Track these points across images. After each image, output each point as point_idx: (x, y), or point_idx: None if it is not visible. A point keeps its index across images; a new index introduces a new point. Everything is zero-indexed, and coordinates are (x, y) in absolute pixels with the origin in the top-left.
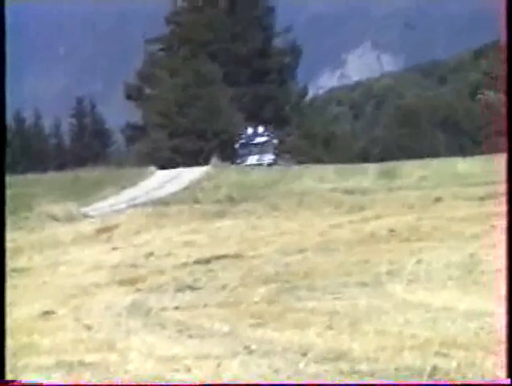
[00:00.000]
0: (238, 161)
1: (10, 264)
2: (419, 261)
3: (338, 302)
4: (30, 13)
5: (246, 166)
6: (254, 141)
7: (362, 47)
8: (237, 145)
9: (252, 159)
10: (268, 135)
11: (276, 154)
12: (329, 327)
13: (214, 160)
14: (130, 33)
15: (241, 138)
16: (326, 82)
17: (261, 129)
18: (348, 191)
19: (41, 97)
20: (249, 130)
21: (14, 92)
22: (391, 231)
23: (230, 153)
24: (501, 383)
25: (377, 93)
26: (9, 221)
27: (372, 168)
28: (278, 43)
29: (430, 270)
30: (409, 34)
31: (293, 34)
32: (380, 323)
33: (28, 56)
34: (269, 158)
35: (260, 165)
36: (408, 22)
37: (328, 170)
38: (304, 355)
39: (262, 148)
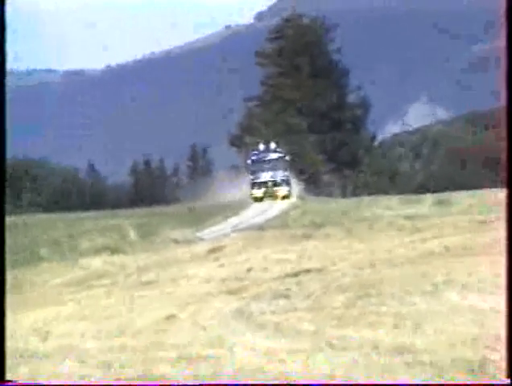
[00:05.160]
0: (252, 177)
1: (141, 278)
2: (470, 273)
3: (403, 307)
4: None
5: (260, 183)
6: (267, 158)
7: (419, 101)
8: (248, 161)
9: (266, 176)
10: (280, 152)
11: (287, 170)
12: (396, 327)
13: (300, 193)
14: (231, 94)
15: (253, 154)
16: (391, 129)
17: (273, 146)
18: (410, 217)
19: (164, 145)
20: (261, 146)
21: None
22: (446, 248)
23: (313, 187)
24: (501, 383)
25: (432, 137)
26: (140, 245)
27: (429, 198)
28: (351, 98)
29: (480, 279)
30: (458, 91)
31: (363, 92)
32: (438, 324)
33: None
34: (283, 174)
35: (274, 181)
36: (460, 81)
37: (393, 200)
38: (376, 348)
39: (274, 164)
